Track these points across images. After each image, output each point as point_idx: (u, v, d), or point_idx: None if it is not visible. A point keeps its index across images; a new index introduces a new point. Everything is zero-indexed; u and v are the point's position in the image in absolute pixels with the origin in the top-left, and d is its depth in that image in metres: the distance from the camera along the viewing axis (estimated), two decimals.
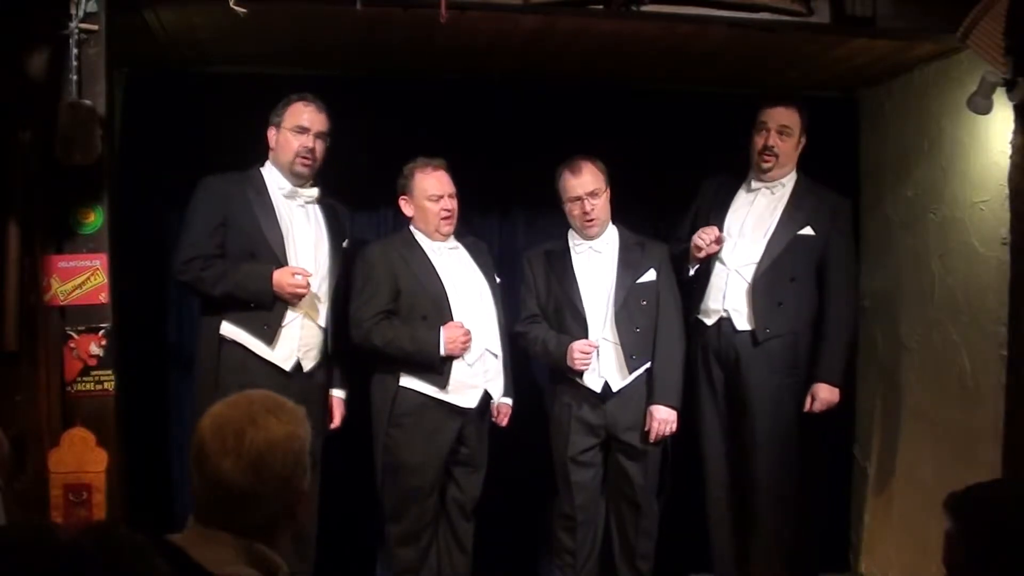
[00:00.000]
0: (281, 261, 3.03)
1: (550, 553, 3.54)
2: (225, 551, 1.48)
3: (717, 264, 3.43)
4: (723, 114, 3.57)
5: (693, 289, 3.50)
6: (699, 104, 3.91)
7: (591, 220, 3.32)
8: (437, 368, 3.13)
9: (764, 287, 3.36)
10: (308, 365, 3.11)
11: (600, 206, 3.32)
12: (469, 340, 3.16)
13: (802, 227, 3.39)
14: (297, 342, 3.07)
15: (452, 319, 3.16)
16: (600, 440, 3.36)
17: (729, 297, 3.40)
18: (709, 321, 3.45)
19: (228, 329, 3.02)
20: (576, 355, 3.23)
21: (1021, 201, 3.01)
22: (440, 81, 3.76)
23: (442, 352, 3.11)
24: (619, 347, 3.31)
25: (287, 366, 3.05)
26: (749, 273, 3.38)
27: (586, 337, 3.27)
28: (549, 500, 3.50)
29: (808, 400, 3.38)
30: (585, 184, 3.31)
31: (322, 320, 3.15)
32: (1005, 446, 3.04)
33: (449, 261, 3.28)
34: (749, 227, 3.44)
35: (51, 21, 2.57)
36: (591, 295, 3.33)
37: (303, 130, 3.10)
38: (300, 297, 3.02)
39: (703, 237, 3.35)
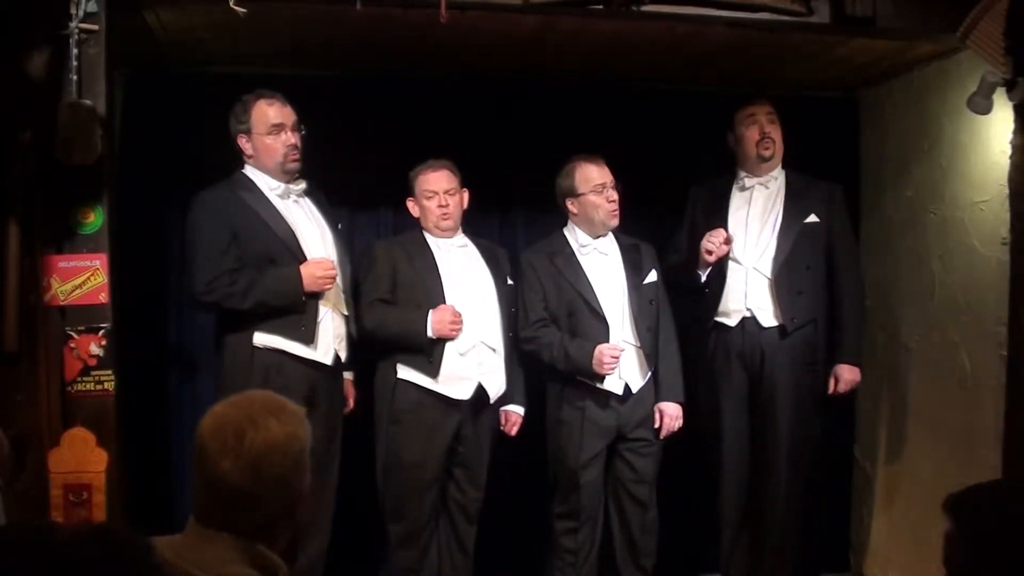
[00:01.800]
0: (300, 259, 3.02)
1: (550, 553, 3.53)
2: (225, 551, 1.48)
3: (731, 264, 3.42)
4: (723, 114, 3.57)
5: (703, 295, 3.49)
6: (699, 104, 3.90)
7: (617, 209, 3.33)
8: (427, 351, 3.13)
9: (784, 279, 3.36)
10: (344, 354, 3.15)
11: (616, 197, 3.35)
12: (458, 323, 3.14)
13: (806, 216, 3.42)
14: (332, 334, 3.09)
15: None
16: (609, 441, 3.35)
17: (751, 295, 3.39)
18: (731, 322, 3.43)
19: (262, 339, 2.98)
20: (606, 359, 3.17)
21: (1021, 201, 3.01)
22: (440, 81, 3.76)
23: (429, 333, 3.11)
24: (639, 348, 3.32)
25: (328, 359, 3.07)
26: (767, 268, 3.38)
27: (606, 340, 3.24)
28: (549, 500, 3.49)
29: (832, 382, 3.40)
30: (607, 173, 3.33)
31: (344, 308, 3.17)
32: (1005, 446, 3.04)
33: (454, 256, 3.30)
34: (754, 224, 3.44)
35: (51, 21, 2.57)
36: (606, 297, 3.32)
37: (279, 128, 3.07)
38: (331, 285, 3.02)
39: (712, 240, 3.33)
